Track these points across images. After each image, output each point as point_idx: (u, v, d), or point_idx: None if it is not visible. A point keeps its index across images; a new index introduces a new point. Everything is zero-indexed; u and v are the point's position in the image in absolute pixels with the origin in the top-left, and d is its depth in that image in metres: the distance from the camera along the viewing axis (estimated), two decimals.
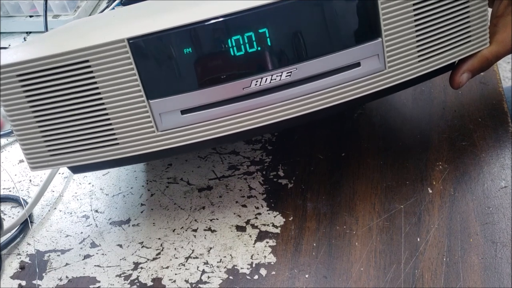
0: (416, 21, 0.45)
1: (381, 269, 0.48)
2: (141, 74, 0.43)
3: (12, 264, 0.53)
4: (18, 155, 0.65)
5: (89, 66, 0.43)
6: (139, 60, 0.43)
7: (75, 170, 0.49)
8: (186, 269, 0.50)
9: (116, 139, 0.45)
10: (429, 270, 0.47)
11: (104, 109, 0.44)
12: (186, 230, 0.54)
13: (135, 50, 0.42)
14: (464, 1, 0.47)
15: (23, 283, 0.51)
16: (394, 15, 0.45)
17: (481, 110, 0.60)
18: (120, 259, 0.52)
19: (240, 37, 0.42)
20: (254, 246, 0.51)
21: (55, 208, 0.58)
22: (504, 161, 0.55)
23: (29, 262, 0.53)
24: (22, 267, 0.53)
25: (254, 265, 0.50)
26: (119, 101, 0.44)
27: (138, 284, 0.50)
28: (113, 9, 0.71)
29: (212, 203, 0.56)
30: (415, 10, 0.45)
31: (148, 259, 0.52)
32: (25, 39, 0.86)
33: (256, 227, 0.53)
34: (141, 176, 0.60)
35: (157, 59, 0.43)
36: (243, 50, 0.43)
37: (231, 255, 0.51)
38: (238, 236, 0.52)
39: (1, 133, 0.67)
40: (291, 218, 0.53)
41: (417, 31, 0.46)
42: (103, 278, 0.51)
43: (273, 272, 0.49)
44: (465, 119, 0.60)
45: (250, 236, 0.52)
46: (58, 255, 0.53)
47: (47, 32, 0.75)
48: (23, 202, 0.58)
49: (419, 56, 0.47)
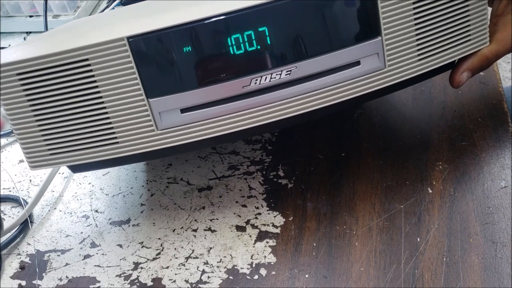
0: (416, 19, 0.45)
1: (381, 269, 0.48)
2: (141, 72, 0.43)
3: (12, 264, 0.53)
4: (18, 155, 0.65)
5: (88, 64, 0.43)
6: (139, 58, 0.43)
7: (75, 169, 0.49)
8: (186, 269, 0.50)
9: (115, 138, 0.45)
10: (429, 270, 0.47)
11: (104, 107, 0.44)
12: (186, 230, 0.54)
13: (135, 49, 0.42)
14: (463, 0, 0.47)
15: (23, 283, 0.51)
16: (393, 14, 0.45)
17: (481, 110, 0.60)
18: (120, 259, 0.52)
19: (240, 36, 0.42)
20: (254, 246, 0.51)
21: (55, 208, 0.58)
22: (504, 161, 0.55)
23: (29, 262, 0.53)
24: (22, 267, 0.53)
25: (254, 265, 0.50)
26: (119, 99, 0.44)
27: (138, 284, 0.50)
28: (113, 9, 0.71)
29: (212, 203, 0.56)
30: (415, 9, 0.45)
31: (148, 259, 0.52)
32: (25, 39, 0.86)
33: (256, 227, 0.53)
34: (141, 176, 0.60)
35: (156, 57, 0.43)
36: (243, 48, 0.43)
37: (231, 255, 0.51)
38: (238, 236, 0.52)
39: (1, 133, 0.67)
40: (291, 218, 0.53)
41: (417, 30, 0.46)
42: (103, 278, 0.51)
43: (273, 272, 0.49)
44: (465, 119, 0.60)
45: (250, 236, 0.52)
46: (58, 255, 0.53)
47: (47, 31, 0.75)
48: (23, 202, 0.58)
49: (419, 55, 0.47)
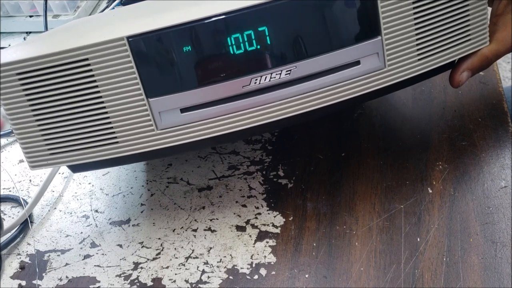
0: (415, 19, 0.45)
1: (381, 269, 0.48)
2: (141, 72, 0.43)
3: (12, 264, 0.53)
4: (18, 155, 0.65)
5: (88, 64, 0.43)
6: (139, 58, 0.43)
7: (75, 169, 0.49)
8: (186, 269, 0.50)
9: (115, 137, 0.45)
10: (429, 270, 0.47)
11: (104, 107, 0.44)
12: (186, 230, 0.54)
13: (135, 49, 0.42)
14: (463, 0, 0.47)
15: (23, 283, 0.51)
16: (393, 13, 0.45)
17: (481, 110, 0.60)
18: (120, 259, 0.52)
19: (240, 36, 0.42)
20: (254, 246, 0.51)
21: (55, 208, 0.58)
22: (504, 161, 0.55)
23: (29, 262, 0.53)
24: (22, 267, 0.53)
25: (254, 265, 0.50)
26: (119, 99, 0.44)
27: (138, 284, 0.50)
28: (113, 9, 0.71)
29: (212, 203, 0.56)
30: (414, 8, 0.45)
31: (148, 259, 0.52)
32: (25, 39, 0.86)
33: (256, 227, 0.53)
34: (141, 176, 0.60)
35: (156, 57, 0.43)
36: (243, 48, 0.43)
37: (231, 255, 0.51)
38: (238, 236, 0.52)
39: (1, 133, 0.67)
40: (291, 218, 0.53)
41: (416, 29, 0.46)
42: (103, 278, 0.50)
43: (273, 272, 0.49)
44: (465, 119, 0.60)
45: (250, 236, 0.52)
46: (58, 255, 0.53)
47: (47, 31, 0.75)
48: (23, 202, 0.58)
49: (419, 55, 0.47)
